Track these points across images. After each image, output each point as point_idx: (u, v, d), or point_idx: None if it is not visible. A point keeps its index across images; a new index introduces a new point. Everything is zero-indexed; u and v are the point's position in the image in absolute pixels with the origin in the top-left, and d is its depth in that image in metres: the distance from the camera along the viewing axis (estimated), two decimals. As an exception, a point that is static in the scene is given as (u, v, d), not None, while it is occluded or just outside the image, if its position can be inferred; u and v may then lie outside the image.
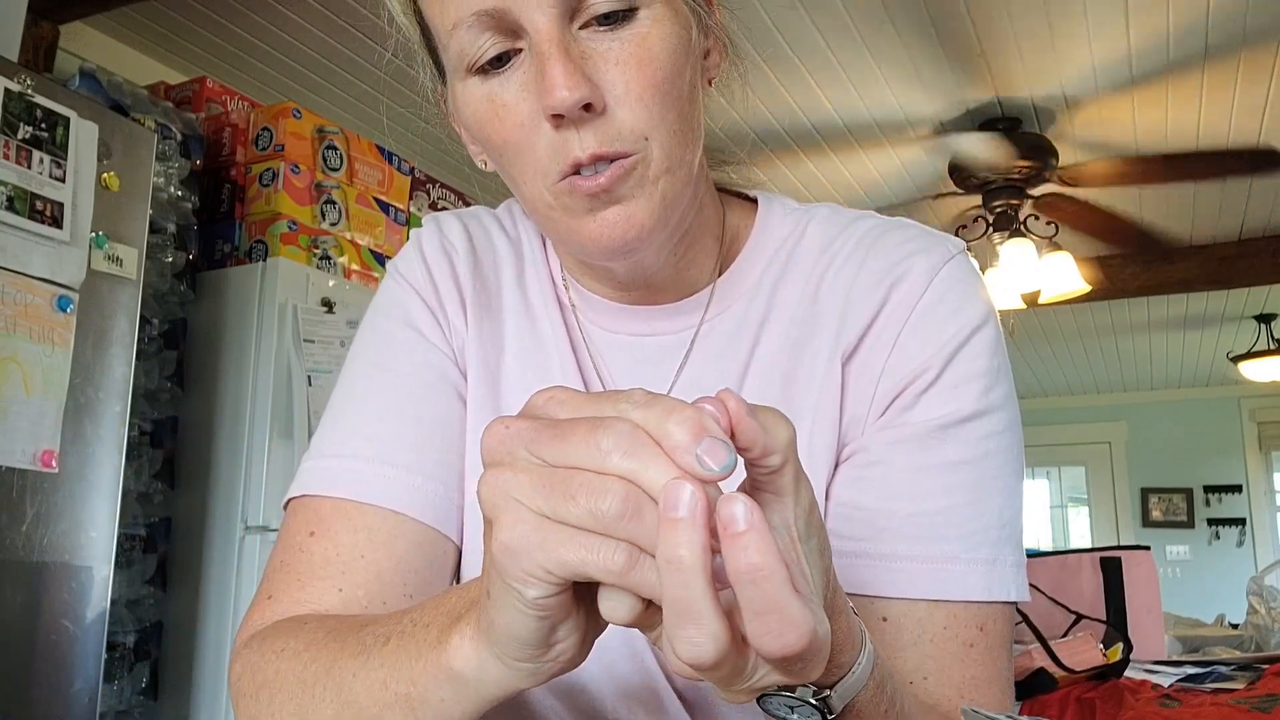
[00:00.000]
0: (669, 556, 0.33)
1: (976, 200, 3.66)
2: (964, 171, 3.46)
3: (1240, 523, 6.99)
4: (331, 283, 2.43)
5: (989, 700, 0.59)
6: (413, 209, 2.82)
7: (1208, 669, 1.77)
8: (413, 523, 0.64)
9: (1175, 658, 2.01)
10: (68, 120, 1.85)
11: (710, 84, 0.66)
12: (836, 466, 0.63)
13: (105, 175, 1.92)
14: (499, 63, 0.57)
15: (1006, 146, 3.28)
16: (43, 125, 1.80)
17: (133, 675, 2.23)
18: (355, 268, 2.56)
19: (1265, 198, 3.93)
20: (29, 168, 1.77)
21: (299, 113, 2.49)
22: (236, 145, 2.52)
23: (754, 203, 0.74)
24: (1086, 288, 3.78)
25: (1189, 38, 2.85)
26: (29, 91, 1.78)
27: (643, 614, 0.37)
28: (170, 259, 2.30)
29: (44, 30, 2.47)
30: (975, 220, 3.69)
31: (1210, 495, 7.09)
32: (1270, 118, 3.33)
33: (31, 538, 1.75)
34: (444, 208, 2.75)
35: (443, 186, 3.00)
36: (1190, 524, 7.10)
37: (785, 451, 0.37)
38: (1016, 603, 0.62)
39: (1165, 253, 4.41)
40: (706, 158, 0.67)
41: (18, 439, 1.72)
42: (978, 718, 0.47)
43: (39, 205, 1.78)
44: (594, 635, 0.42)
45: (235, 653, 0.61)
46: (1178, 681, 1.71)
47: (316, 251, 2.44)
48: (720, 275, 0.70)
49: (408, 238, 0.76)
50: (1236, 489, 7.03)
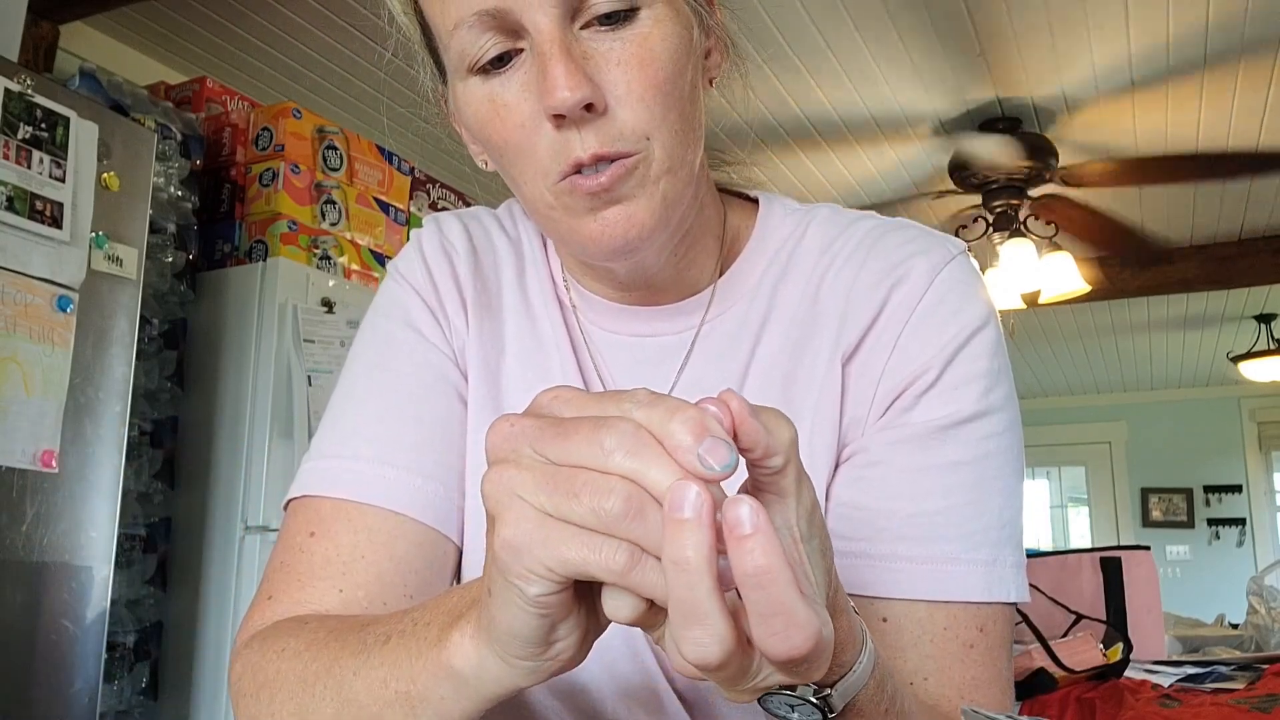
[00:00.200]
0: (675, 557, 0.33)
1: (976, 200, 3.66)
2: (966, 171, 3.46)
3: (1240, 523, 6.99)
4: (331, 283, 2.43)
5: (989, 701, 0.59)
6: (413, 209, 2.82)
7: (1208, 669, 1.77)
8: (413, 523, 0.64)
9: (1175, 658, 2.01)
10: (68, 120, 1.85)
11: (711, 84, 0.66)
12: (837, 467, 0.63)
13: (105, 175, 1.92)
14: (500, 63, 0.57)
15: (1013, 146, 3.28)
16: (43, 125, 1.80)
17: (133, 675, 2.23)
18: (355, 268, 2.56)
19: (1265, 198, 3.93)
20: (29, 168, 1.77)
21: (299, 113, 2.49)
22: (236, 145, 2.52)
23: (755, 203, 0.74)
24: (1086, 288, 3.78)
25: (1188, 44, 2.86)
26: (29, 91, 1.78)
27: (645, 614, 0.37)
28: (170, 259, 2.30)
29: (44, 30, 2.47)
30: (975, 220, 3.69)
31: (1210, 495, 7.09)
32: (1269, 124, 3.33)
33: (31, 538, 1.75)
34: (444, 208, 2.76)
35: (443, 186, 3.00)
36: (1190, 524, 7.10)
37: (787, 452, 0.37)
38: (1016, 603, 0.62)
39: (1165, 253, 4.41)
40: (707, 158, 0.67)
41: (18, 439, 1.72)
42: (978, 718, 0.47)
43: (39, 205, 1.78)
44: (594, 635, 0.42)
45: (235, 653, 0.61)
46: (1178, 681, 1.71)
47: (316, 251, 2.44)
48: (721, 275, 0.70)
49: (408, 238, 0.76)
50: (1236, 489, 7.03)
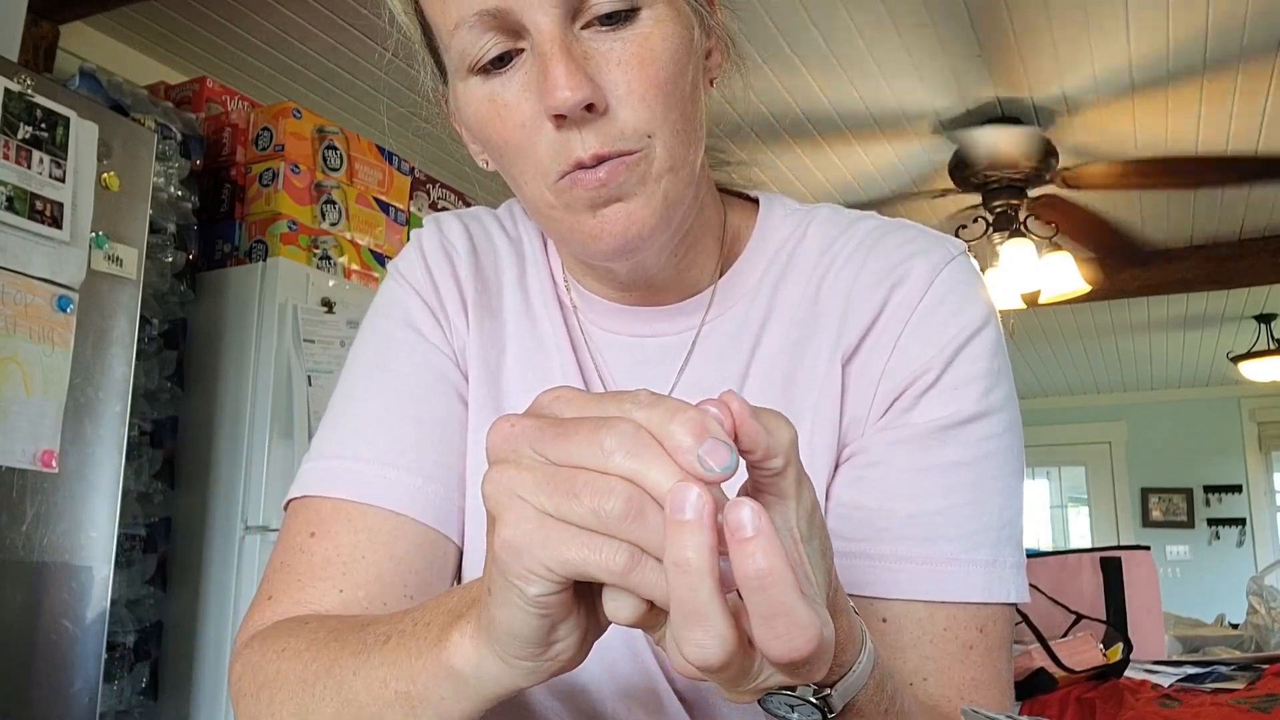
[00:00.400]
0: (676, 559, 0.33)
1: (976, 199, 3.66)
2: (966, 170, 3.46)
3: (1240, 523, 6.99)
4: (331, 283, 2.43)
5: (989, 701, 0.59)
6: (413, 209, 2.82)
7: (1208, 669, 1.77)
8: (413, 523, 0.64)
9: (1175, 658, 2.01)
10: (68, 120, 1.85)
11: (712, 84, 0.66)
12: (837, 467, 0.63)
13: (105, 175, 1.92)
14: (501, 63, 0.57)
15: (1018, 138, 3.28)
16: (43, 125, 1.80)
17: (133, 675, 2.23)
18: (355, 268, 2.55)
19: (1265, 199, 3.93)
20: (29, 168, 1.77)
21: (299, 113, 2.49)
22: (236, 145, 2.52)
23: (755, 203, 0.74)
24: (1086, 288, 3.78)
25: (1188, 49, 2.88)
26: (29, 91, 1.78)
27: (646, 615, 0.37)
28: (170, 259, 2.30)
29: (44, 30, 2.47)
30: (975, 220, 3.69)
31: (1210, 495, 7.09)
32: (1268, 129, 3.35)
33: (31, 538, 1.75)
34: (444, 208, 2.76)
35: (443, 186, 3.00)
36: (1190, 524, 7.10)
37: (787, 453, 0.37)
38: (1016, 604, 0.62)
39: (1165, 253, 4.41)
40: (707, 158, 0.67)
41: (18, 439, 1.72)
42: (978, 718, 0.47)
43: (39, 205, 1.78)
44: (594, 636, 0.42)
45: (236, 653, 0.61)
46: (1178, 681, 1.71)
47: (316, 251, 2.44)
48: (721, 276, 0.69)
49: (408, 238, 0.76)
50: (1236, 489, 7.03)
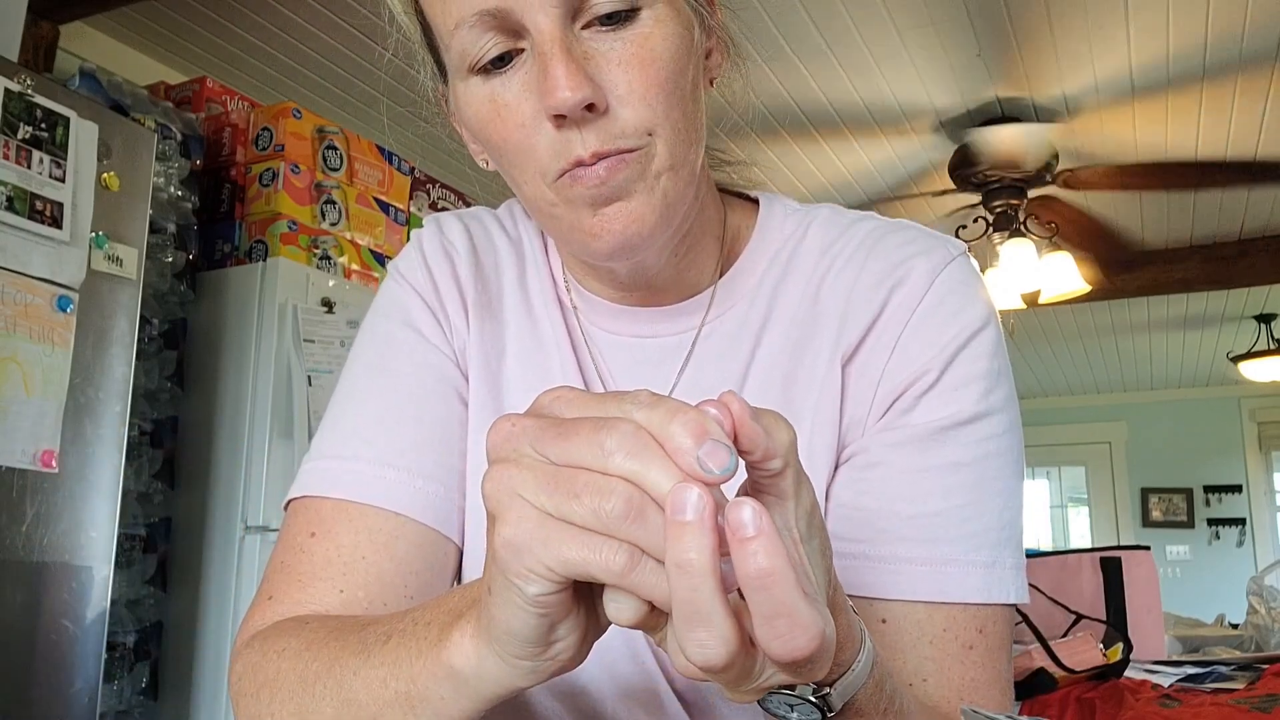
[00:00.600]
0: (678, 560, 0.33)
1: (976, 199, 3.66)
2: (970, 168, 3.45)
3: (1240, 523, 6.99)
4: (331, 283, 2.43)
5: (988, 702, 0.59)
6: (413, 209, 2.82)
7: (1208, 669, 1.77)
8: (413, 524, 0.64)
9: (1175, 658, 2.01)
10: (68, 120, 1.85)
11: (712, 84, 0.66)
12: (836, 468, 0.63)
13: (105, 175, 1.92)
14: (501, 62, 0.57)
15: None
16: (43, 125, 1.80)
17: (133, 675, 2.22)
18: (355, 268, 2.55)
19: (1265, 199, 3.94)
20: (29, 168, 1.77)
21: (299, 113, 2.49)
22: (236, 145, 2.51)
23: (755, 203, 0.74)
24: (1086, 288, 3.78)
25: (1188, 56, 2.90)
26: (29, 91, 1.78)
27: (647, 616, 0.37)
28: (170, 259, 2.30)
29: (44, 30, 2.47)
30: (975, 220, 3.69)
31: (1210, 495, 7.09)
32: (1267, 135, 3.37)
33: (31, 538, 1.75)
34: (444, 208, 2.76)
35: (443, 186, 3.00)
36: (1190, 524, 7.10)
37: (786, 455, 0.37)
38: (1016, 605, 0.62)
39: (1165, 253, 4.42)
40: (707, 158, 0.67)
41: (18, 439, 1.72)
42: (978, 718, 0.47)
43: (39, 205, 1.78)
44: (594, 636, 0.42)
45: (236, 653, 0.61)
46: (1178, 681, 1.71)
47: (316, 251, 2.44)
48: (721, 276, 0.69)
49: (408, 238, 0.76)
50: (1236, 489, 7.03)
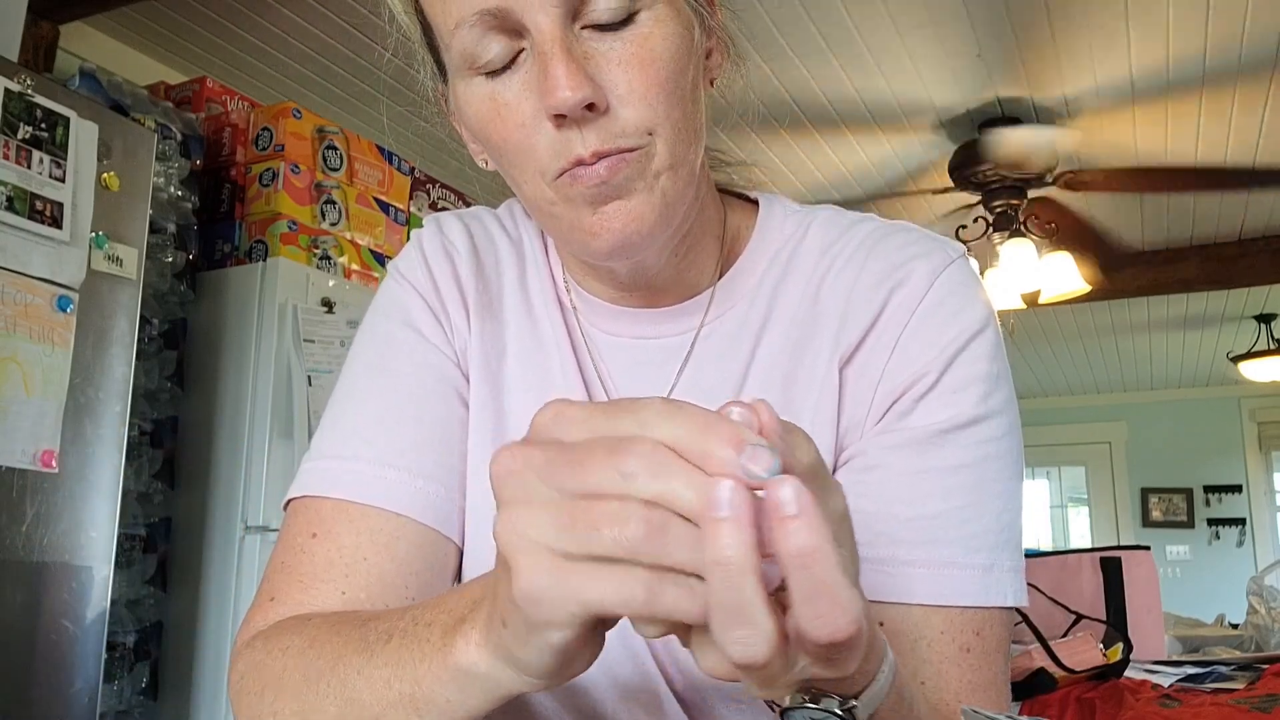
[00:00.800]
0: (716, 558, 0.32)
1: (976, 198, 3.66)
2: (971, 168, 3.45)
3: (1240, 523, 6.99)
4: (331, 283, 2.43)
5: (985, 704, 0.58)
6: (413, 209, 2.82)
7: (1208, 669, 1.77)
8: (414, 524, 0.64)
9: (1175, 658, 2.01)
10: (68, 120, 1.85)
11: (712, 84, 0.66)
12: (835, 470, 0.63)
13: (105, 175, 1.92)
14: (501, 62, 0.57)
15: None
16: (43, 125, 1.80)
17: (133, 675, 2.22)
18: (355, 268, 2.55)
19: (1265, 199, 3.94)
20: (29, 168, 1.77)
21: (299, 113, 2.49)
22: (236, 145, 2.52)
23: (755, 204, 0.74)
24: (1086, 288, 3.78)
25: (1188, 63, 2.92)
26: (29, 91, 1.78)
27: (674, 626, 0.36)
28: (170, 259, 2.30)
29: (44, 30, 2.47)
30: (975, 220, 3.69)
31: (1210, 495, 7.09)
32: (1265, 144, 3.39)
33: (31, 538, 1.75)
34: (444, 208, 2.76)
35: (443, 186, 3.00)
36: (1190, 524, 7.10)
37: (806, 474, 0.36)
38: (1015, 607, 0.61)
39: (1165, 253, 4.42)
40: (707, 158, 0.67)
41: (18, 439, 1.72)
42: (978, 718, 0.47)
43: (39, 205, 1.78)
44: (604, 639, 0.42)
45: (237, 652, 0.60)
46: (1178, 681, 1.71)
47: (316, 251, 2.44)
48: (721, 277, 0.69)
49: (408, 238, 0.76)
50: (1236, 489, 7.03)
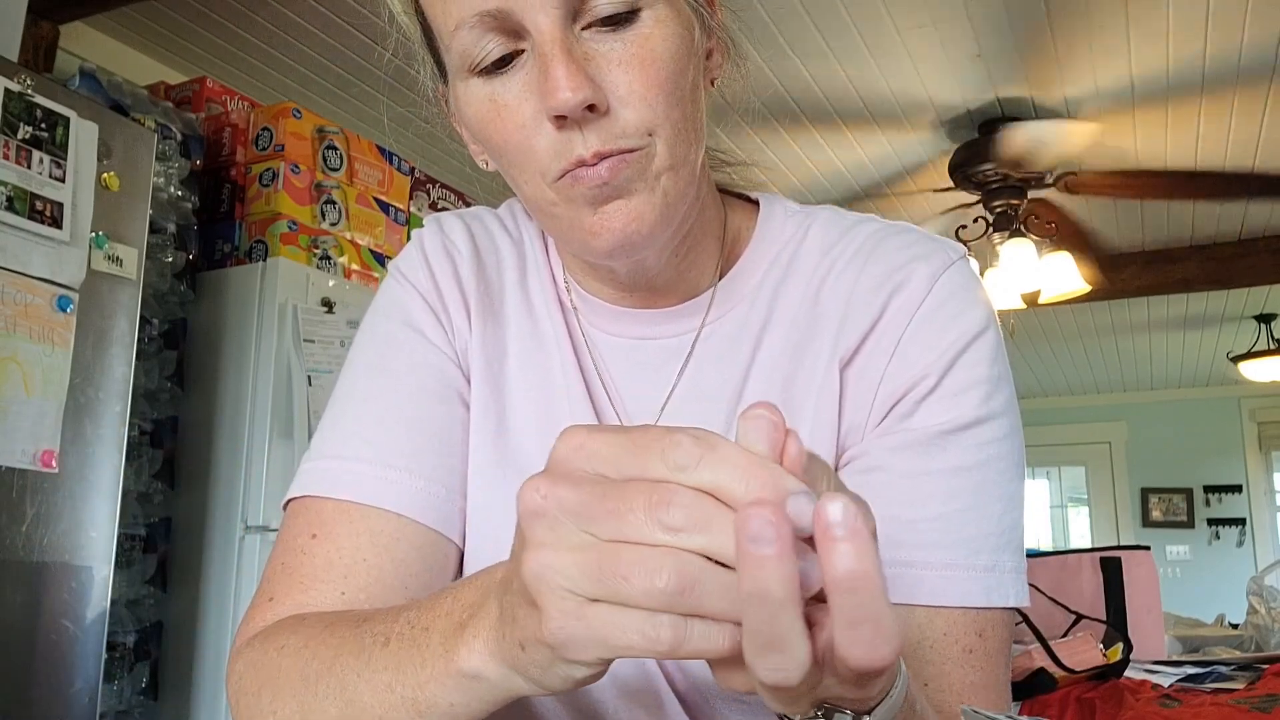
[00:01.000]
0: (755, 590, 0.31)
1: (976, 198, 3.66)
2: (972, 167, 3.44)
3: (1240, 523, 6.99)
4: (331, 283, 2.43)
5: (986, 705, 0.59)
6: (413, 209, 2.82)
7: (1208, 669, 1.77)
8: (414, 525, 0.64)
9: (1175, 658, 2.01)
10: (68, 120, 1.85)
11: (712, 84, 0.66)
12: (835, 472, 0.63)
13: (105, 175, 1.92)
14: (501, 63, 0.57)
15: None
16: (43, 125, 1.80)
17: (133, 675, 2.22)
18: (355, 268, 2.55)
19: (1265, 200, 3.94)
20: (29, 168, 1.77)
21: (299, 113, 2.49)
22: (236, 145, 2.51)
23: (755, 204, 0.74)
24: (1086, 288, 3.78)
25: (1188, 67, 2.93)
26: (29, 91, 1.78)
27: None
28: (170, 259, 2.30)
29: (44, 30, 2.47)
30: (975, 220, 3.69)
31: (1210, 495, 7.09)
32: (1263, 151, 3.40)
33: (31, 538, 1.75)
34: (444, 208, 2.76)
35: (443, 186, 3.00)
36: (1190, 524, 7.10)
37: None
38: (1016, 608, 0.61)
39: (1165, 253, 4.42)
40: (707, 159, 0.67)
41: (18, 439, 1.72)
42: (978, 718, 0.47)
43: (39, 205, 1.78)
44: None
45: (236, 652, 0.60)
46: (1178, 681, 1.71)
47: (316, 251, 2.44)
48: (722, 278, 0.69)
49: (408, 238, 0.76)
50: (1236, 489, 7.03)
